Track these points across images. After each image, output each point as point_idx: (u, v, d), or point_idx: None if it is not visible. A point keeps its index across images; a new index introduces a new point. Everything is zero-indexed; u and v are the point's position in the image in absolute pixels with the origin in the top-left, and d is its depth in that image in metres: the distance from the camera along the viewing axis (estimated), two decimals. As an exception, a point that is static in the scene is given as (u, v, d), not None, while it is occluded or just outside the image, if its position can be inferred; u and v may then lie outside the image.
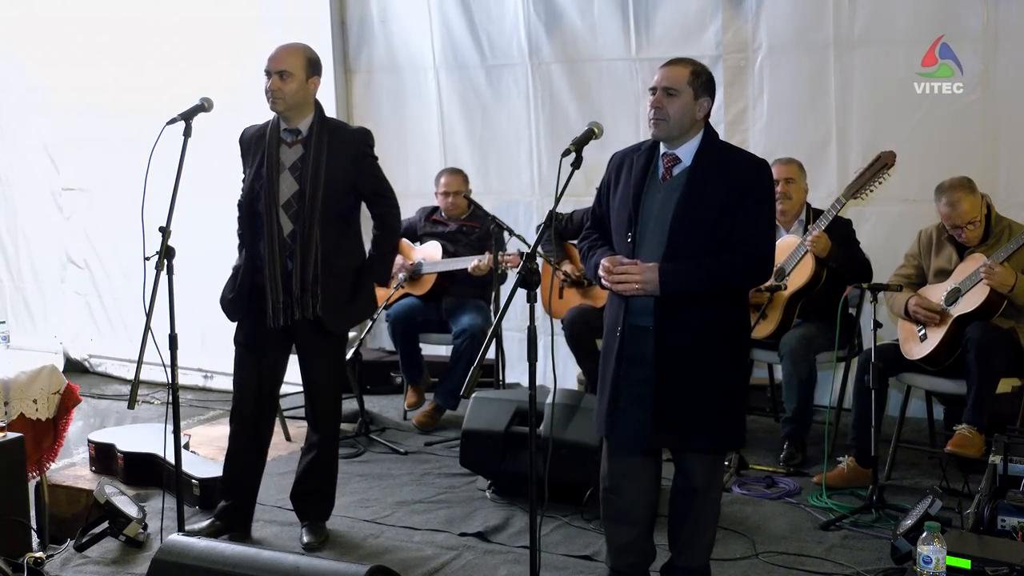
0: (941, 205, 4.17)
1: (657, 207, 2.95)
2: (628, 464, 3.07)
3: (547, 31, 5.83)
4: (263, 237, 3.59)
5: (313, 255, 3.56)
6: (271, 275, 3.57)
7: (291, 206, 3.57)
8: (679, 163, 2.96)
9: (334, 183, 3.60)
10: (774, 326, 4.59)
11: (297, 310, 3.57)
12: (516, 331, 5.92)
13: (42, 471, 3.97)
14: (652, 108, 2.93)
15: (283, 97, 3.53)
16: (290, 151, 3.60)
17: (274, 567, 2.78)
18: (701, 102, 2.94)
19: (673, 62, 2.99)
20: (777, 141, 5.28)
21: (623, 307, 2.97)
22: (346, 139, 3.69)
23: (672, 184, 2.95)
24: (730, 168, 2.94)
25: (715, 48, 5.42)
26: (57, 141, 6.96)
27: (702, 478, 3.04)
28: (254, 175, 3.63)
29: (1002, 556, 2.87)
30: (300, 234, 3.55)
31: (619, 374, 2.98)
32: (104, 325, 7.02)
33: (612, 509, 3.14)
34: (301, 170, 3.57)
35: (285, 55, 3.55)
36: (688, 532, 3.10)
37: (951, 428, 4.16)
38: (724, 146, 3.05)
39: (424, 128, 6.29)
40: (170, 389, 3.24)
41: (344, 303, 3.66)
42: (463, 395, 2.79)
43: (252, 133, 3.69)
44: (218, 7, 6.19)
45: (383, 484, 4.47)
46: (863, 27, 5.10)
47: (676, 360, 2.91)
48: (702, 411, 2.94)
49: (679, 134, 2.94)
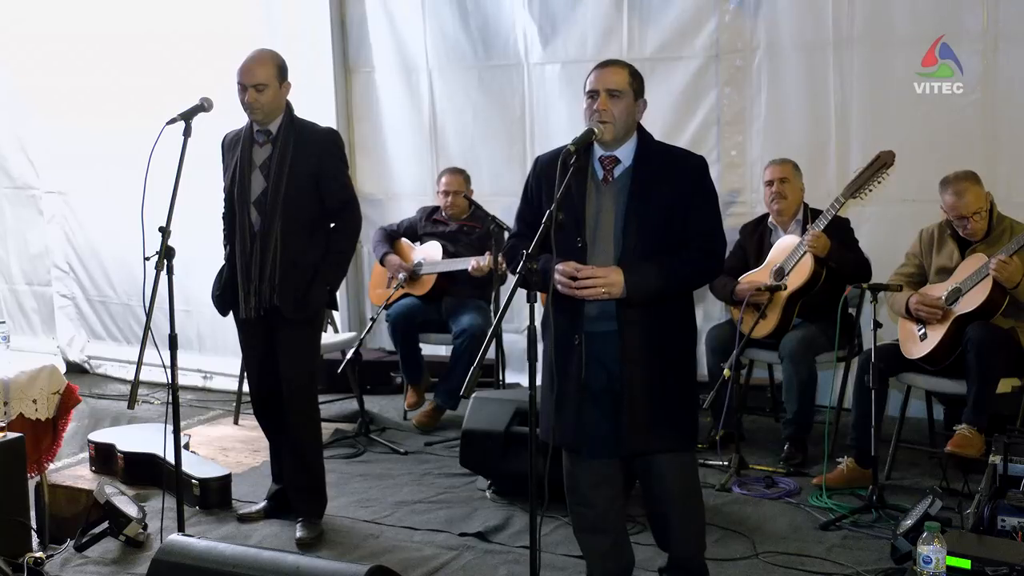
0: (947, 195, 4.17)
1: (604, 209, 2.91)
2: (596, 473, 3.02)
3: (543, 32, 5.84)
4: (236, 232, 3.77)
5: (272, 246, 3.69)
6: (242, 268, 3.74)
7: (261, 202, 3.71)
8: (619, 164, 2.93)
9: (300, 179, 3.72)
10: (773, 326, 4.59)
11: (253, 298, 3.72)
12: (516, 331, 5.93)
13: (42, 471, 3.97)
14: (598, 111, 2.88)
15: (261, 108, 3.70)
16: (261, 150, 3.75)
17: (274, 567, 2.78)
18: (639, 103, 2.95)
19: (609, 63, 2.96)
20: (775, 141, 5.28)
21: (579, 314, 2.91)
22: (313, 138, 3.80)
23: (615, 186, 2.91)
24: (673, 167, 2.93)
25: (713, 48, 5.42)
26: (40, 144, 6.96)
27: (679, 479, 3.00)
28: (231, 176, 3.79)
29: (1002, 556, 2.87)
30: (260, 226, 3.71)
31: (580, 383, 2.91)
32: (97, 327, 7.02)
33: (584, 521, 3.10)
34: (269, 167, 3.71)
35: (257, 68, 3.67)
36: (676, 531, 3.06)
37: (951, 428, 4.16)
38: (661, 145, 3.03)
39: (424, 128, 6.29)
40: (170, 389, 3.24)
41: (302, 295, 3.75)
42: (463, 395, 2.76)
43: (231, 137, 3.86)
44: (218, 8, 6.19)
45: (383, 484, 4.47)
46: (862, 27, 5.10)
47: (641, 362, 2.87)
48: (671, 411, 2.92)
49: (621, 135, 2.92)
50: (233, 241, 3.80)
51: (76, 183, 6.84)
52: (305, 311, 3.78)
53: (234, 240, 3.79)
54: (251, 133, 3.78)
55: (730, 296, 4.70)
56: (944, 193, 4.19)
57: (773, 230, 4.84)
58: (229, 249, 3.84)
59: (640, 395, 2.88)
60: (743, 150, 5.43)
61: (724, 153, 5.43)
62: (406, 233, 5.67)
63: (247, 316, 3.77)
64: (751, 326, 4.42)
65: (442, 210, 5.59)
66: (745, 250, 4.86)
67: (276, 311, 3.73)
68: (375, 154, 6.49)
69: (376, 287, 5.70)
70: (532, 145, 5.94)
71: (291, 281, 3.71)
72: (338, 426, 5.30)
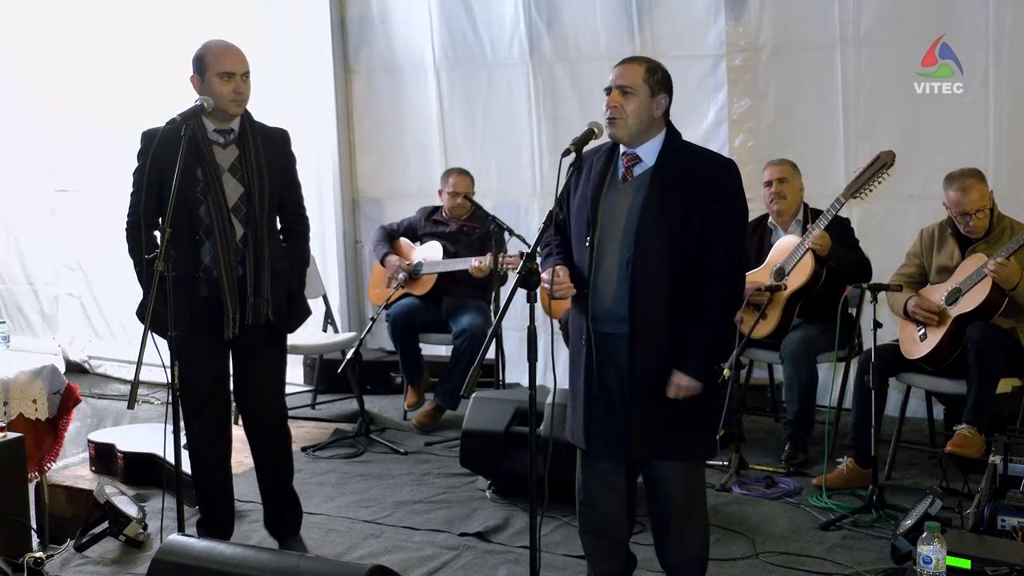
0: (951, 191, 4.17)
1: (618, 209, 2.84)
2: (603, 476, 2.99)
3: (548, 30, 5.84)
4: (205, 243, 3.41)
5: (265, 258, 3.45)
6: (228, 283, 3.40)
7: (240, 209, 3.44)
8: (640, 163, 2.87)
9: (273, 184, 3.50)
10: (774, 326, 4.59)
11: (250, 315, 3.43)
12: (516, 331, 5.93)
13: (42, 471, 3.97)
14: (608, 108, 2.84)
15: (245, 100, 3.45)
16: (225, 152, 3.45)
17: (274, 567, 2.78)
18: (658, 99, 2.86)
19: (627, 60, 2.91)
20: (781, 141, 5.28)
21: (586, 314, 2.88)
22: (273, 139, 3.58)
23: (634, 184, 2.84)
24: (696, 167, 2.85)
25: (718, 47, 5.42)
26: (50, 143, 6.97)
27: (682, 488, 2.94)
28: (186, 179, 3.29)
29: (1002, 556, 2.87)
30: (252, 238, 3.43)
31: (590, 384, 2.89)
32: (101, 326, 7.03)
33: (589, 521, 3.07)
34: (242, 171, 3.44)
35: (244, 56, 3.46)
36: (676, 536, 2.99)
37: (951, 428, 4.17)
38: (688, 145, 2.93)
39: (424, 128, 6.29)
40: (170, 389, 3.24)
41: (287, 305, 3.58)
42: (463, 395, 2.75)
43: (162, 137, 3.26)
44: (218, 7, 6.20)
45: (383, 484, 4.47)
46: (867, 27, 5.10)
47: (651, 367, 2.82)
48: (681, 419, 2.84)
49: (638, 133, 2.85)
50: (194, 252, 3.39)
51: (83, 182, 6.85)
52: (299, 323, 3.67)
53: (195, 250, 3.40)
54: (204, 132, 3.42)
55: (730, 296, 4.69)
56: (948, 189, 4.19)
57: (773, 230, 4.84)
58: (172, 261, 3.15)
59: (648, 400, 2.83)
60: (750, 149, 5.42)
61: (731, 152, 5.43)
62: (406, 233, 5.67)
63: (231, 335, 3.43)
64: (751, 326, 4.42)
65: (444, 210, 5.59)
66: (745, 250, 4.86)
67: (258, 325, 3.48)
68: (375, 154, 6.50)
69: (376, 287, 5.70)
70: (540, 144, 5.94)
71: (278, 292, 3.52)
72: (338, 426, 5.30)
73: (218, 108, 3.41)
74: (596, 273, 2.86)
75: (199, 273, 3.44)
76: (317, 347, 5.67)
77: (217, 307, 3.43)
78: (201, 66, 3.43)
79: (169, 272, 3.14)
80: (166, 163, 3.28)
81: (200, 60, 3.44)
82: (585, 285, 2.87)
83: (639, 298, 2.80)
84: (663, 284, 2.80)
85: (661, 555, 3.06)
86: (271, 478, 3.70)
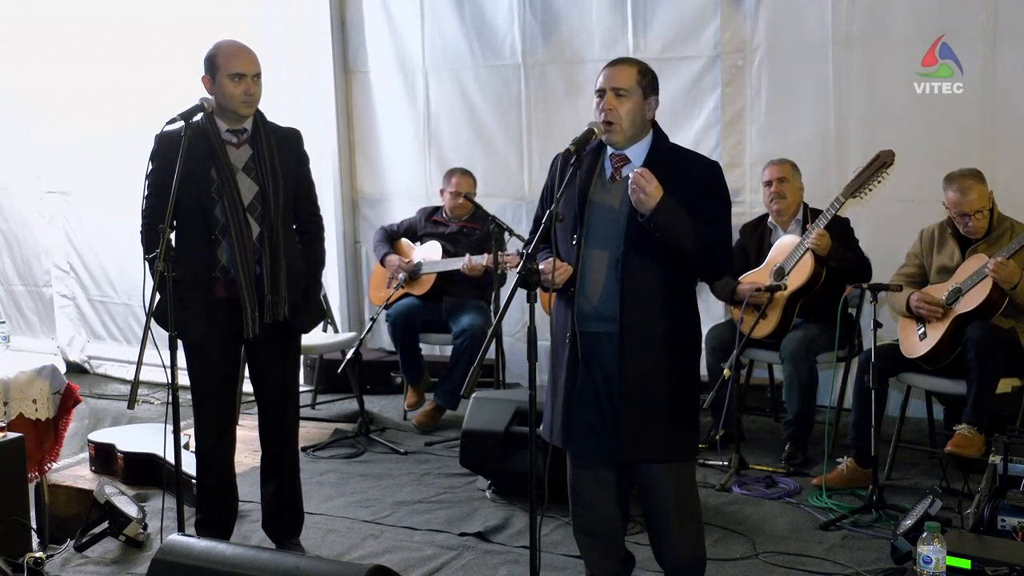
0: (951, 192, 4.17)
1: (606, 209, 2.85)
2: (595, 477, 2.98)
3: (543, 31, 5.84)
4: (221, 243, 3.42)
5: (282, 257, 3.47)
6: (246, 282, 3.41)
7: (255, 208, 3.45)
8: (628, 163, 2.87)
9: (288, 182, 3.52)
10: (774, 325, 4.59)
11: (268, 314, 3.45)
12: (516, 331, 5.93)
13: (42, 471, 3.97)
14: (603, 111, 2.84)
15: (256, 101, 3.46)
16: (239, 152, 3.47)
17: (274, 567, 2.78)
18: (650, 101, 2.88)
19: (618, 62, 2.91)
20: (775, 141, 5.28)
21: (570, 313, 2.87)
22: (286, 138, 3.59)
23: (623, 185, 2.84)
24: (684, 169, 2.86)
25: (713, 48, 5.42)
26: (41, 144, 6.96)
27: (674, 490, 2.93)
28: (200, 179, 3.37)
29: (1002, 556, 2.87)
30: (268, 237, 3.45)
31: (573, 383, 2.87)
32: (97, 327, 7.02)
33: (583, 522, 3.06)
34: (256, 170, 3.46)
35: (255, 57, 3.47)
36: (671, 537, 2.98)
37: (951, 428, 4.17)
38: (675, 147, 2.95)
39: (419, 129, 6.29)
40: (170, 389, 3.24)
41: (303, 304, 3.59)
42: (463, 395, 2.75)
43: (173, 138, 3.29)
44: (218, 7, 6.19)
45: (383, 484, 4.47)
46: (862, 27, 5.10)
47: (639, 368, 2.81)
48: (668, 421, 2.84)
49: (632, 136, 2.87)
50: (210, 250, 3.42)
51: (76, 183, 6.85)
52: (314, 323, 3.70)
53: (212, 250, 3.42)
54: (217, 133, 3.44)
55: (730, 296, 4.69)
56: (948, 189, 4.19)
57: (773, 230, 4.84)
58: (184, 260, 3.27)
59: (636, 403, 2.82)
60: (743, 150, 5.43)
61: (724, 153, 5.43)
62: (406, 233, 5.67)
63: (251, 335, 3.45)
64: (751, 326, 4.42)
65: (444, 210, 5.59)
66: (745, 250, 4.86)
67: (275, 324, 3.49)
68: (374, 154, 6.50)
69: (376, 287, 5.70)
70: (530, 146, 5.94)
71: (295, 291, 3.54)
72: (338, 426, 5.30)
73: (228, 109, 3.43)
74: (583, 272, 2.86)
75: (216, 273, 3.45)
76: (317, 347, 5.67)
77: (232, 308, 3.44)
78: (212, 66, 3.43)
79: (169, 272, 3.14)
80: (169, 164, 3.27)
81: (211, 60, 3.44)
82: (572, 284, 2.87)
83: (629, 298, 2.81)
84: (653, 284, 2.82)
85: (659, 557, 3.06)
86: (275, 469, 3.70)
